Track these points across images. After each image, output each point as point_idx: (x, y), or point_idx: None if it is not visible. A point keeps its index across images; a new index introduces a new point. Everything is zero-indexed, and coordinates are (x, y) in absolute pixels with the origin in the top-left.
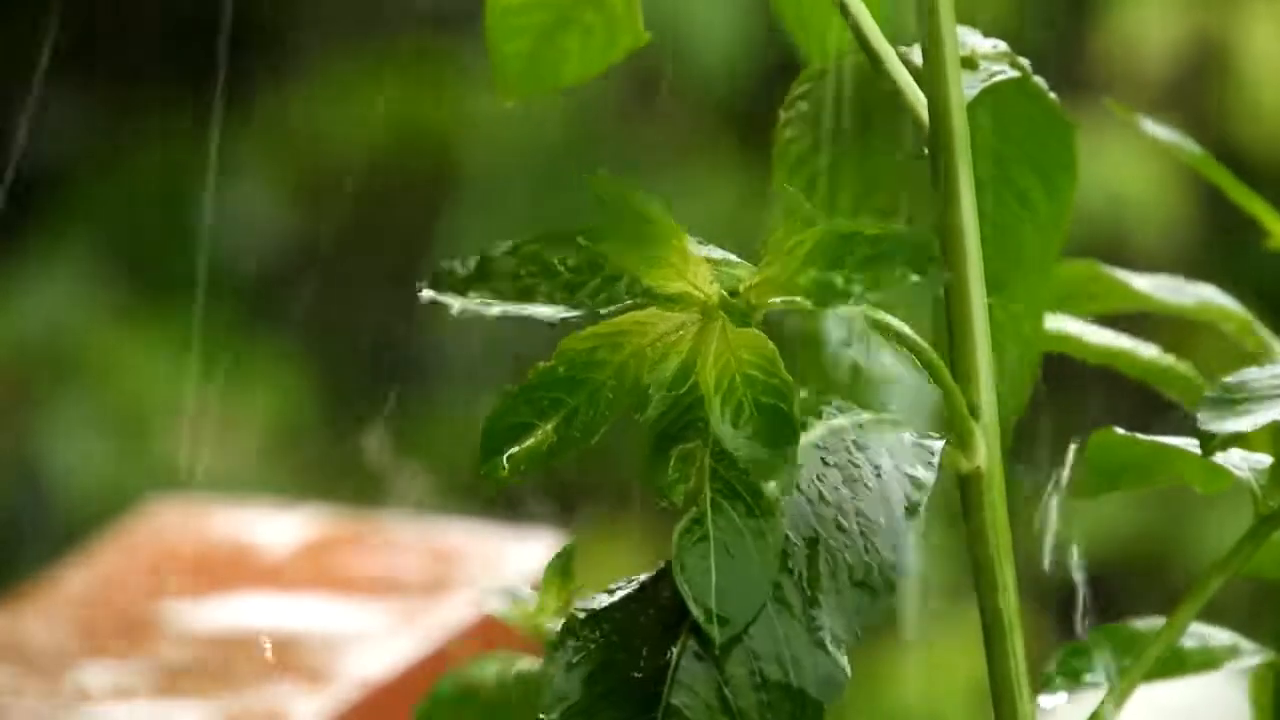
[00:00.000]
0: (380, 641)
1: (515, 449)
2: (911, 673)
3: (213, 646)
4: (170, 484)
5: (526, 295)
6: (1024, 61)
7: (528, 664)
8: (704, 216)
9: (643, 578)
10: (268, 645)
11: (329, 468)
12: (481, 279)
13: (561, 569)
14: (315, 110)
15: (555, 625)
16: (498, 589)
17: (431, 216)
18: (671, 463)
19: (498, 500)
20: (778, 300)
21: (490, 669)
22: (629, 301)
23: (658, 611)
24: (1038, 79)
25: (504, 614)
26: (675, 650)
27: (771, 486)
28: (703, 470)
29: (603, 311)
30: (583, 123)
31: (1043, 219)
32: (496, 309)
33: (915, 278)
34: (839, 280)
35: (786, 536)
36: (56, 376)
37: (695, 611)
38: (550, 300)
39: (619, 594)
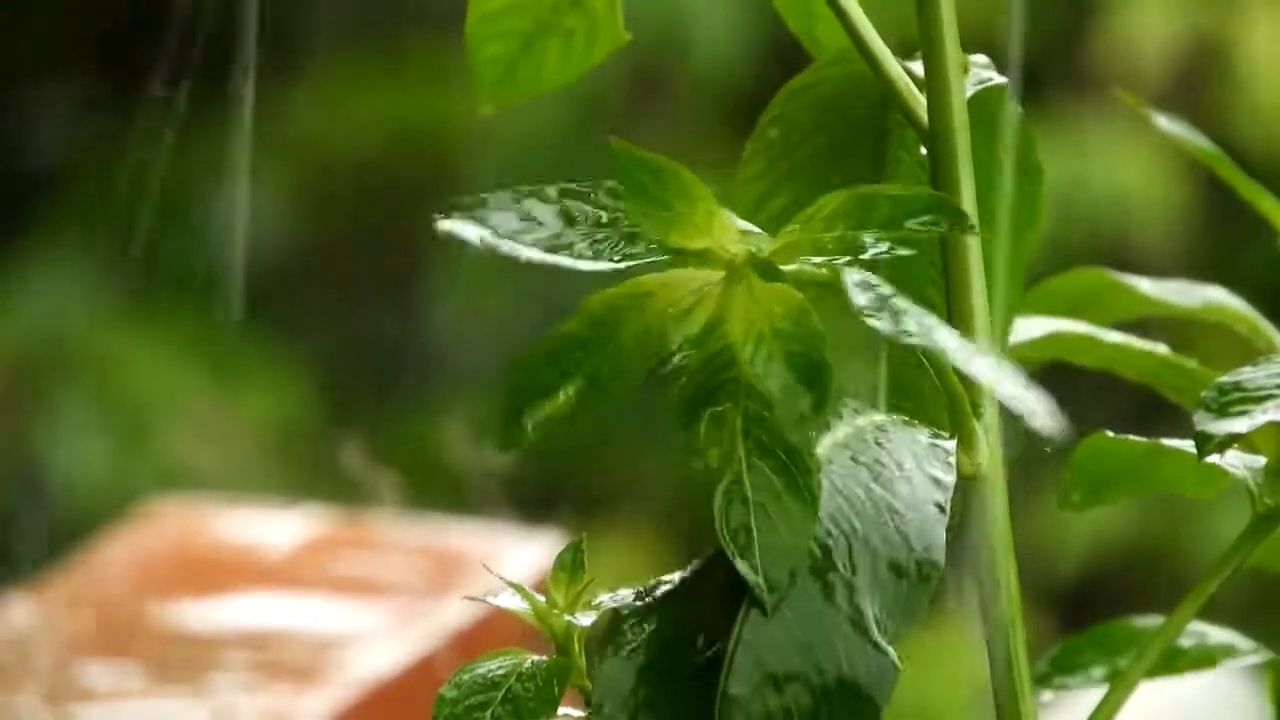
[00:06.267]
0: (380, 641)
1: (538, 411)
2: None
3: (212, 646)
4: (170, 484)
5: (552, 242)
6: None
7: (539, 659)
8: None
9: (685, 571)
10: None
11: (328, 468)
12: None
13: (571, 563)
14: (315, 110)
15: (569, 619)
16: (505, 585)
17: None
18: (703, 427)
19: (496, 500)
20: (804, 259)
21: (504, 663)
22: (652, 259)
23: (708, 602)
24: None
25: (515, 609)
26: (730, 641)
27: (806, 442)
28: (735, 432)
29: (625, 267)
30: (582, 122)
31: (1021, 192)
32: (521, 252)
33: (942, 229)
34: (866, 238)
35: (827, 531)
36: (56, 376)
37: (743, 571)
38: (572, 252)
39: (665, 586)
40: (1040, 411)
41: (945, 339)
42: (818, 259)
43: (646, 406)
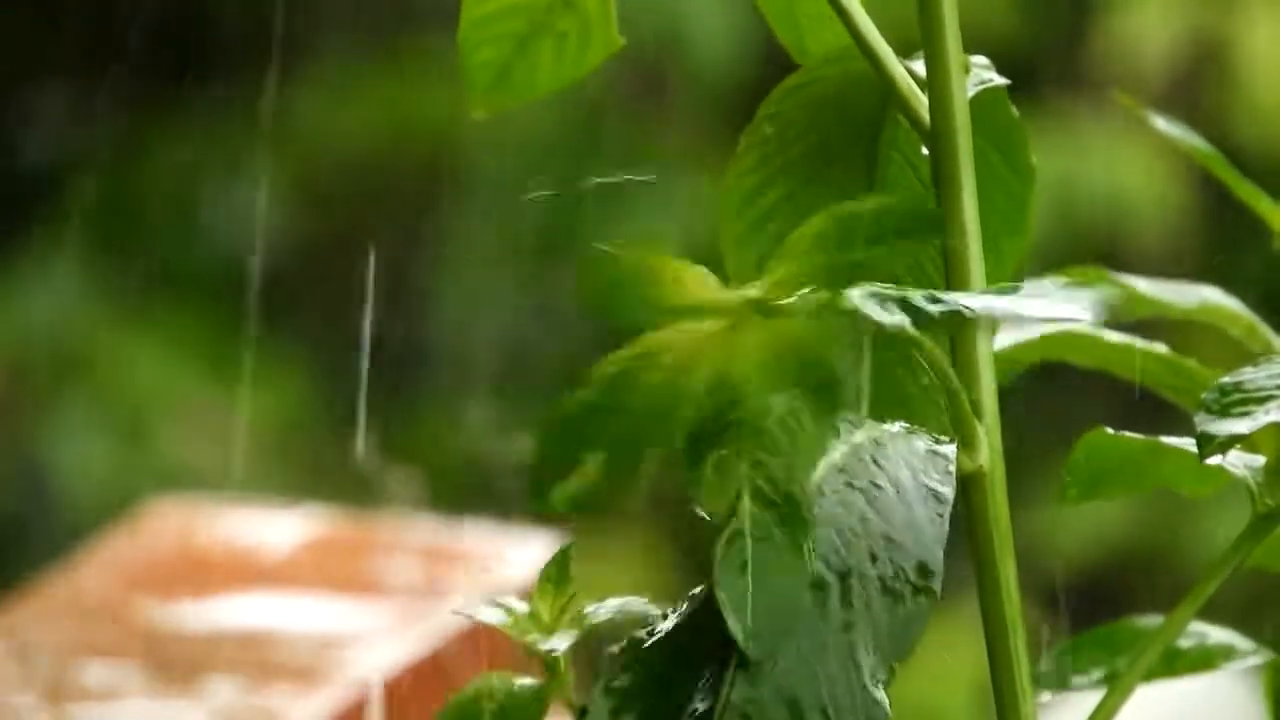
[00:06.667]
0: (380, 641)
1: (566, 484)
2: (913, 672)
3: (212, 646)
4: (170, 484)
5: None
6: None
7: (524, 684)
8: (703, 215)
9: (674, 616)
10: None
11: (329, 468)
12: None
13: (557, 574)
14: (315, 110)
15: (550, 636)
16: (488, 597)
17: (431, 216)
18: (708, 470)
19: (497, 500)
20: (801, 292)
21: (493, 688)
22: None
23: (695, 655)
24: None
25: (498, 624)
26: (718, 698)
27: (806, 494)
28: (740, 479)
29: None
30: (582, 122)
31: (1012, 193)
32: None
33: (928, 241)
34: (856, 256)
35: (819, 573)
36: (57, 377)
37: (733, 626)
38: None
39: (654, 636)
40: (1081, 310)
41: (966, 301)
42: (812, 289)
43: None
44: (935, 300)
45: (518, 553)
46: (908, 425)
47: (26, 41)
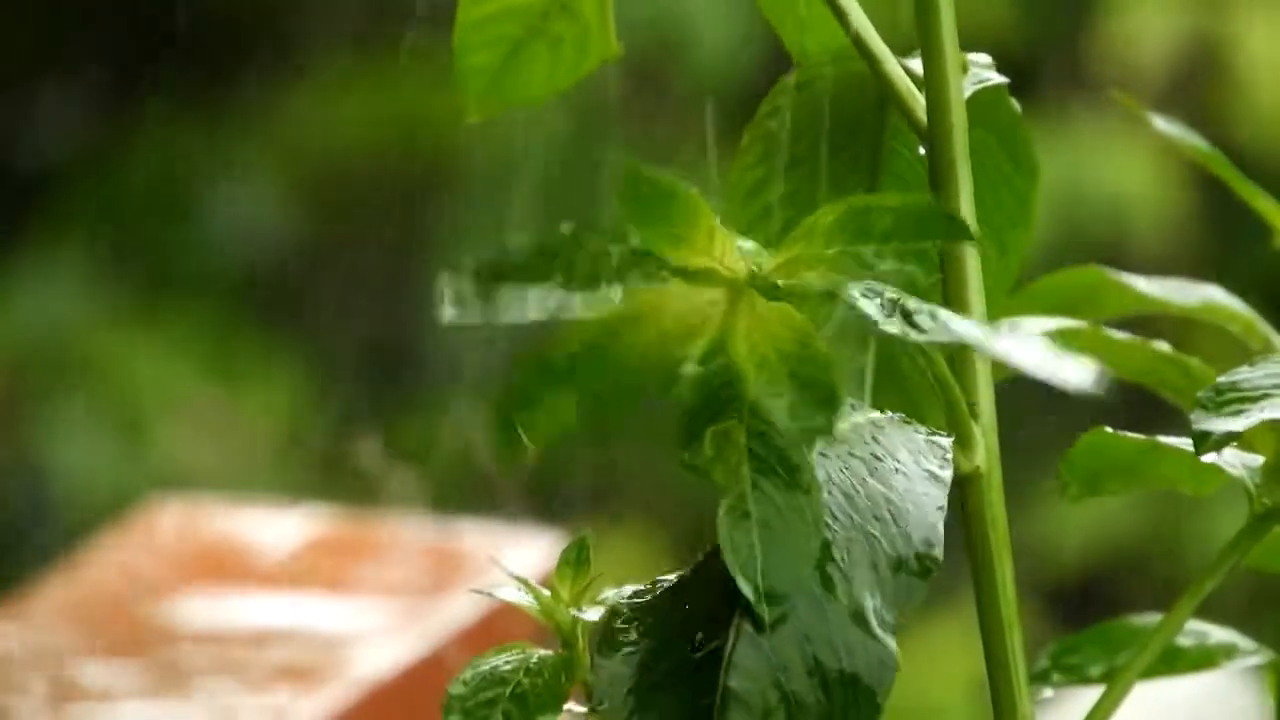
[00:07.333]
0: (380, 641)
1: (531, 425)
2: (910, 670)
3: (213, 646)
4: (170, 484)
5: (544, 280)
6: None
7: (546, 653)
8: None
9: (687, 567)
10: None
11: (329, 468)
12: (500, 277)
13: (576, 559)
14: (315, 110)
15: (575, 613)
16: (510, 580)
17: (431, 216)
18: (707, 443)
19: (496, 500)
20: (806, 275)
21: (511, 658)
22: (652, 281)
23: (708, 597)
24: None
25: (521, 604)
26: (729, 634)
27: (807, 461)
28: (740, 449)
29: (626, 288)
30: (583, 121)
31: (1016, 189)
32: (517, 313)
33: (944, 243)
34: (866, 252)
35: (826, 524)
36: (56, 376)
37: (744, 588)
38: (572, 288)
39: (665, 581)
40: (1074, 374)
41: (962, 328)
42: (819, 276)
43: (649, 406)
44: (934, 317)
45: (518, 553)
46: (906, 417)
47: (26, 41)
